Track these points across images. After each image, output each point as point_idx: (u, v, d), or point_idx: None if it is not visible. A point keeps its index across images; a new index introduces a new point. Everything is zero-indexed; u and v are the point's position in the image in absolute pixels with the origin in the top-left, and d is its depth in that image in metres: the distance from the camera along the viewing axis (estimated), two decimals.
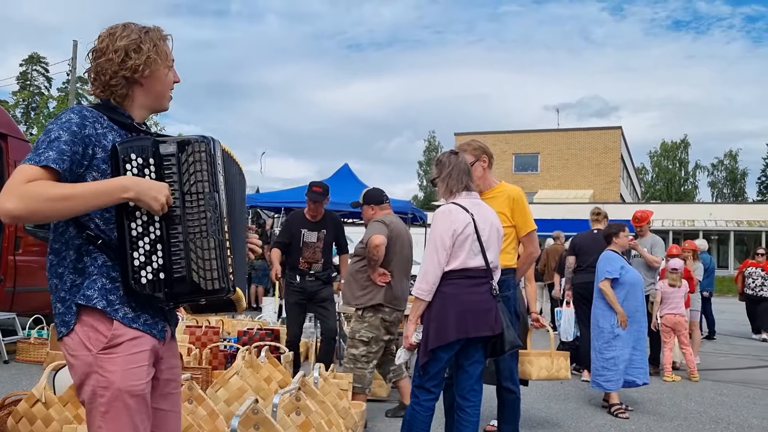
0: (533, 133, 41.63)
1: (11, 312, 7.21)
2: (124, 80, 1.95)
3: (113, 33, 1.96)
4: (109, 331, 1.84)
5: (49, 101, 44.10)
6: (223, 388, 4.04)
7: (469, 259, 3.48)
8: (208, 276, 1.87)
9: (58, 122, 1.85)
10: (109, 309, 1.84)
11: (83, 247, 1.87)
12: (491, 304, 3.48)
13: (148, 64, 1.96)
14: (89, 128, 1.86)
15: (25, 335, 7.07)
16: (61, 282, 1.88)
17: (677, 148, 61.24)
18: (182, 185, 1.89)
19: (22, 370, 6.26)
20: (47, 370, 3.43)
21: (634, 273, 5.92)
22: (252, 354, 4.42)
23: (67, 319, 1.87)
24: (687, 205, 37.29)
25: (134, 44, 1.95)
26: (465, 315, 3.43)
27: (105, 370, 1.82)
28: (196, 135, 1.95)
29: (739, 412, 5.87)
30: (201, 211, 1.89)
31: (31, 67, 51.28)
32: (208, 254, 1.87)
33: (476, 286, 3.49)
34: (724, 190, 61.05)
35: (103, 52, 1.94)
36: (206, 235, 1.88)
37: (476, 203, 3.61)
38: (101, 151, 1.87)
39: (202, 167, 1.90)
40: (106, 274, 1.86)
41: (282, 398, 3.33)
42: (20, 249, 7.49)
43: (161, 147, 1.90)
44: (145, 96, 2.02)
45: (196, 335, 6.21)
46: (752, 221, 32.28)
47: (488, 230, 3.55)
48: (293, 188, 13.22)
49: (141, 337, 1.88)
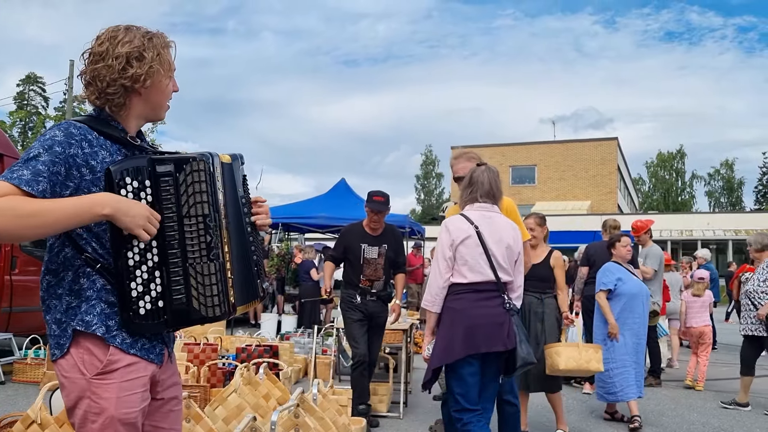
0: (530, 145, 41.70)
1: (7, 332, 7.16)
2: (122, 89, 1.83)
3: (114, 36, 1.83)
4: (105, 356, 1.77)
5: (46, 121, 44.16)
6: (222, 406, 4.00)
7: (476, 273, 3.40)
8: (209, 303, 1.81)
9: (41, 139, 1.75)
10: (107, 336, 1.77)
11: (81, 268, 1.79)
12: (504, 318, 3.36)
13: (150, 74, 1.85)
14: (74, 148, 1.75)
15: (21, 356, 7.01)
16: (59, 303, 1.80)
17: (673, 159, 61.39)
18: (180, 207, 1.80)
19: (19, 391, 6.20)
20: (43, 391, 3.39)
21: (633, 284, 5.79)
22: (250, 371, 4.38)
23: (62, 342, 1.79)
24: (685, 215, 37.24)
25: (137, 52, 1.83)
26: (474, 330, 3.33)
27: (98, 396, 1.75)
28: (195, 152, 1.85)
29: (742, 423, 5.83)
30: (201, 234, 1.81)
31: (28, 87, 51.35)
32: (209, 280, 1.81)
33: (486, 300, 3.39)
34: (722, 199, 61.10)
35: (102, 57, 1.82)
36: (207, 260, 1.81)
37: (487, 216, 3.52)
38: (89, 172, 1.77)
39: (201, 188, 1.81)
40: (105, 299, 1.79)
41: (280, 415, 3.30)
42: (16, 269, 7.45)
43: (158, 166, 1.79)
44: (143, 106, 1.91)
45: (195, 353, 6.18)
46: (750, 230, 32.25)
47: (498, 245, 3.45)
48: (291, 204, 13.22)
49: (137, 363, 1.81)
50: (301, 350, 8.22)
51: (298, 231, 15.05)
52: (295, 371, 7.08)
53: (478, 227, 3.45)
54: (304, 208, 12.33)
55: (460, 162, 4.15)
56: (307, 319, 11.37)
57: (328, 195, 12.48)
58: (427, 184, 62.59)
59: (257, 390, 4.27)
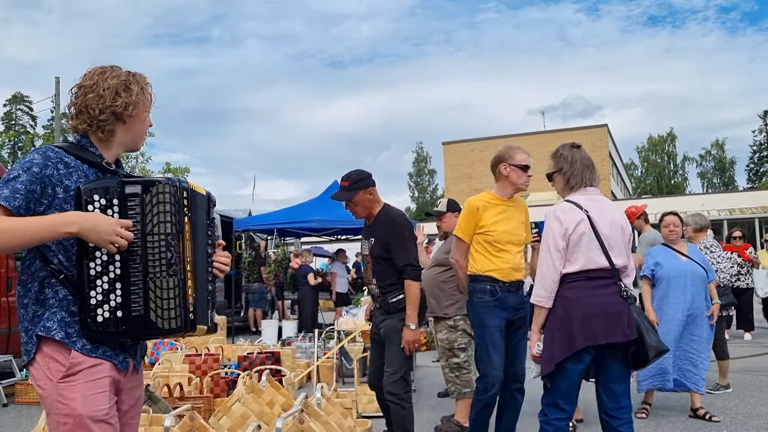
0: (520, 137, 41.70)
1: (7, 354, 7.13)
2: (113, 116, 2.05)
3: (103, 72, 2.06)
4: (67, 360, 1.90)
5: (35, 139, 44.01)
6: (226, 416, 3.99)
7: (588, 259, 3.21)
8: (166, 315, 1.92)
9: (21, 162, 1.93)
10: (67, 341, 1.90)
11: (46, 279, 1.94)
12: (622, 306, 3.16)
13: (136, 105, 2.08)
14: (51, 169, 1.93)
15: (23, 377, 6.97)
16: (26, 312, 1.95)
17: (664, 142, 61.58)
18: (144, 225, 1.94)
19: (22, 413, 6.17)
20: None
21: (672, 268, 5.34)
22: (253, 379, 4.37)
23: (29, 348, 1.94)
24: (678, 198, 37.40)
25: (123, 84, 2.06)
26: (591, 319, 3.12)
27: (65, 398, 1.87)
28: (163, 177, 2.00)
29: (746, 401, 5.85)
30: (162, 251, 1.93)
31: (15, 107, 51.25)
32: (167, 294, 1.92)
33: (602, 287, 3.19)
34: (714, 180, 61.36)
35: (92, 89, 2.03)
36: (166, 275, 1.92)
37: (594, 199, 3.33)
38: (62, 191, 1.94)
39: (165, 209, 1.95)
40: (66, 308, 1.93)
41: (285, 422, 3.28)
42: (12, 289, 7.42)
43: (126, 188, 1.95)
44: (124, 134, 2.11)
45: (196, 364, 6.16)
46: (744, 209, 32.39)
47: (609, 226, 3.26)
48: (284, 209, 13.19)
49: (100, 364, 1.93)
50: (303, 355, 8.21)
51: (294, 236, 15.02)
52: (298, 377, 7.07)
53: (588, 211, 3.26)
54: (298, 212, 12.30)
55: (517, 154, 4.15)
56: (307, 324, 11.36)
57: (322, 198, 12.42)
58: (420, 182, 62.65)
59: (261, 398, 4.26)
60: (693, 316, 5.32)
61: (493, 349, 3.93)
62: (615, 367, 3.23)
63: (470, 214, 4.09)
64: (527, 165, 4.13)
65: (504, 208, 4.11)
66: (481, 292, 3.99)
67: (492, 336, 3.93)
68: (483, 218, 4.05)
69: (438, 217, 5.50)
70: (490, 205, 4.10)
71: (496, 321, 3.95)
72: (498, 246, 4.00)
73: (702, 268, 5.39)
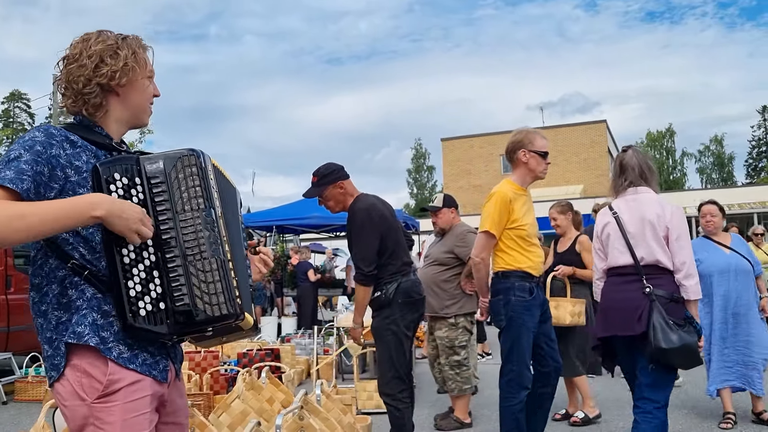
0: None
1: (7, 352, 7.14)
2: (98, 88, 1.76)
3: (87, 39, 1.78)
4: (104, 376, 1.62)
5: None
6: (226, 413, 3.99)
7: (613, 257, 3.47)
8: (214, 301, 1.67)
9: (20, 141, 1.65)
10: (102, 347, 1.62)
11: (67, 279, 1.66)
12: (639, 302, 3.28)
13: (126, 72, 1.78)
14: (56, 148, 1.65)
15: (22, 374, 6.98)
16: (46, 321, 1.67)
17: (663, 137, 61.55)
18: (174, 204, 1.70)
19: (22, 410, 6.17)
20: (45, 409, 3.37)
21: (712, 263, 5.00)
22: (253, 376, 4.37)
23: (56, 362, 1.65)
24: (677, 193, 37.32)
25: (110, 50, 1.77)
26: (608, 312, 3.43)
27: (102, 421, 1.62)
28: (184, 149, 1.76)
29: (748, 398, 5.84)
30: (198, 230, 1.70)
31: (13, 105, 51.17)
32: (211, 276, 1.68)
33: (626, 283, 3.38)
34: (713, 175, 61.33)
35: (75, 59, 1.76)
36: (206, 255, 1.69)
37: (634, 199, 3.47)
38: (74, 173, 1.67)
39: (194, 182, 1.72)
40: (98, 308, 1.65)
41: (285, 418, 3.28)
42: (12, 287, 7.42)
43: (147, 165, 1.72)
44: (122, 108, 1.83)
45: (196, 361, 6.16)
46: (743, 204, 32.39)
47: (637, 225, 3.38)
48: (284, 205, 13.18)
49: (140, 380, 1.67)
50: (303, 352, 8.21)
51: (293, 232, 15.02)
52: (297, 373, 7.07)
53: (617, 212, 3.48)
54: (297, 209, 12.29)
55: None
56: (307, 320, 11.36)
57: None
58: (419, 178, 62.59)
59: (260, 394, 4.26)
60: (739, 314, 4.94)
61: (527, 350, 3.79)
62: (639, 359, 3.35)
63: (504, 207, 3.78)
64: (546, 152, 3.91)
65: (525, 199, 3.90)
66: (520, 290, 3.77)
67: (528, 337, 3.79)
68: (514, 211, 3.81)
69: (434, 213, 5.45)
70: (517, 196, 3.85)
71: (533, 321, 3.81)
72: (529, 240, 3.83)
73: (747, 261, 5.02)
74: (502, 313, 3.80)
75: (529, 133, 3.90)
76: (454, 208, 5.49)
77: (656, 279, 3.31)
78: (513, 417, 3.78)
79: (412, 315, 3.93)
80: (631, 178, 3.50)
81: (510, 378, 3.80)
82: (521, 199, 3.85)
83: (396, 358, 3.86)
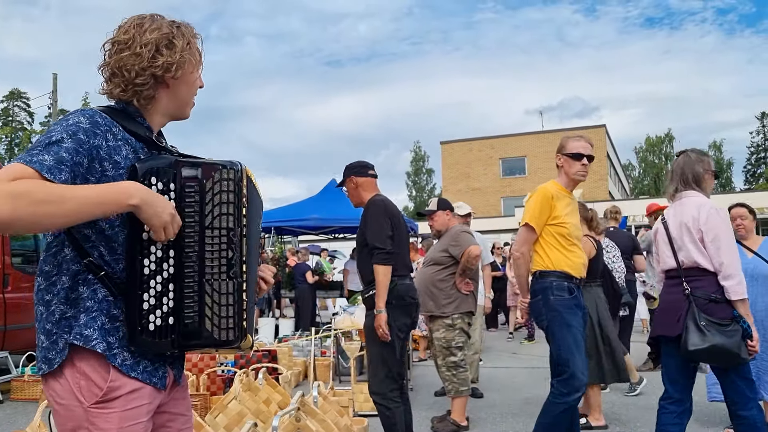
0: (519, 136, 41.75)
1: (3, 350, 7.12)
2: (152, 79, 1.68)
3: (140, 24, 1.69)
4: (104, 382, 1.58)
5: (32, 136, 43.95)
6: (222, 414, 3.98)
7: (662, 261, 3.63)
8: (223, 324, 1.63)
9: (63, 123, 1.56)
10: (108, 353, 1.58)
11: (80, 275, 1.58)
12: (680, 304, 3.43)
13: (181, 64, 1.71)
14: (99, 138, 1.58)
15: (18, 373, 6.96)
16: (48, 311, 1.59)
17: (662, 143, 61.63)
18: (203, 217, 1.63)
19: (18, 409, 6.16)
20: (41, 408, 3.36)
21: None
22: (250, 377, 4.36)
23: (51, 356, 1.58)
24: None
25: (165, 39, 1.68)
26: (658, 313, 3.66)
27: (98, 427, 1.57)
28: (225, 160, 1.68)
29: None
30: (222, 249, 1.63)
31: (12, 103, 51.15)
32: (225, 299, 1.63)
33: (672, 286, 3.54)
34: None
35: (128, 45, 1.66)
36: (225, 277, 1.63)
37: (681, 203, 3.56)
38: (112, 167, 1.59)
39: (228, 198, 1.64)
40: (107, 311, 1.59)
41: (281, 420, 3.28)
42: (9, 286, 7.40)
43: (183, 170, 1.64)
44: (168, 100, 1.75)
45: (193, 361, 6.15)
46: None
47: (678, 229, 3.50)
48: (282, 207, 13.17)
49: (140, 389, 1.62)
50: (300, 353, 8.20)
51: (291, 234, 15.01)
52: (294, 374, 7.06)
53: (666, 218, 3.61)
54: (295, 210, 12.29)
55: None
56: (305, 322, 11.36)
57: (319, 196, 12.43)
58: (418, 181, 62.63)
59: (257, 395, 4.25)
60: (755, 319, 4.58)
61: (577, 350, 3.69)
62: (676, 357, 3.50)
63: (545, 202, 3.77)
64: (580, 153, 3.86)
65: (569, 201, 3.88)
66: (559, 289, 3.72)
67: (576, 337, 3.69)
68: (556, 208, 3.77)
69: (429, 216, 5.51)
70: (560, 195, 3.83)
71: (578, 320, 3.74)
72: (570, 240, 3.79)
73: None
74: (543, 313, 3.76)
75: (565, 137, 4.02)
76: (449, 210, 5.56)
77: (697, 281, 3.41)
78: (551, 415, 3.69)
79: (405, 318, 3.93)
80: (677, 185, 3.60)
81: (562, 379, 3.70)
82: (565, 199, 3.85)
83: (388, 358, 3.87)
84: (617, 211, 7.48)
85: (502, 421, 5.39)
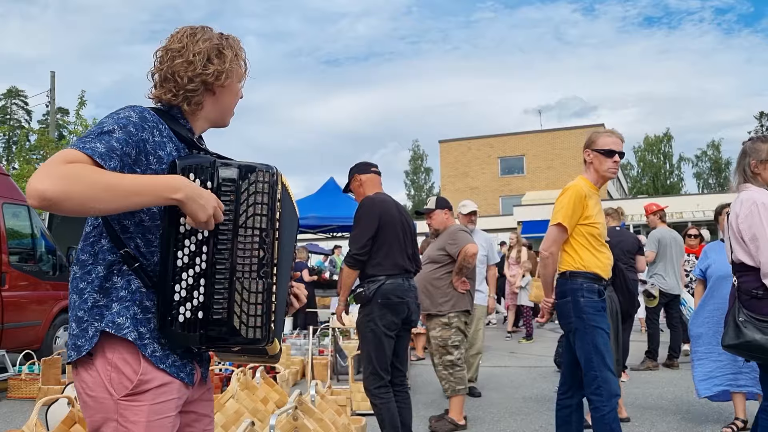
0: (517, 135, 41.77)
1: (0, 349, 7.10)
2: (202, 86, 1.78)
3: (193, 34, 1.78)
4: (135, 374, 1.61)
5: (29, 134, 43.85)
6: (220, 413, 3.97)
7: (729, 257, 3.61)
8: (251, 322, 1.66)
9: (114, 116, 1.64)
10: (139, 342, 1.61)
11: (116, 265, 1.64)
12: (732, 299, 3.52)
13: (229, 73, 1.81)
14: (147, 133, 1.66)
15: (15, 372, 6.95)
16: (81, 299, 1.63)
17: (660, 142, 61.68)
18: (237, 216, 1.68)
19: (15, 408, 6.14)
20: (38, 406, 3.35)
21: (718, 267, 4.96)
22: (247, 375, 4.35)
23: (80, 343, 1.62)
24: (674, 198, 37.43)
25: (216, 49, 1.79)
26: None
27: (127, 420, 1.60)
28: (261, 163, 1.74)
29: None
30: (255, 248, 1.68)
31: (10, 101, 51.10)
32: (254, 298, 1.67)
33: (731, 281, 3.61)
34: (710, 180, 61.47)
35: (181, 53, 1.75)
36: (255, 276, 1.67)
37: (735, 198, 3.56)
38: (156, 162, 1.66)
39: (262, 199, 1.70)
40: (139, 302, 1.64)
41: (279, 419, 3.27)
42: (6, 284, 7.39)
43: (221, 170, 1.69)
44: (213, 107, 1.85)
45: None
46: None
47: (729, 225, 3.55)
48: None
49: (169, 383, 1.65)
50: (298, 352, 8.20)
51: None
52: (292, 373, 7.05)
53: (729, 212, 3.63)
54: None
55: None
56: (302, 321, 11.36)
57: (318, 195, 12.42)
58: (416, 180, 62.64)
59: (255, 394, 4.24)
60: None
61: (607, 354, 3.56)
62: None
63: (579, 201, 3.62)
64: (611, 150, 3.70)
65: (598, 198, 3.75)
66: (590, 291, 3.58)
67: (605, 340, 3.57)
68: (588, 207, 3.63)
69: (428, 214, 5.51)
70: (591, 193, 3.69)
71: (606, 324, 3.61)
72: (600, 240, 3.67)
73: None
74: (571, 315, 3.62)
75: (595, 132, 3.85)
76: (447, 209, 5.55)
77: (743, 276, 3.44)
78: (608, 428, 3.51)
79: (392, 317, 4.00)
80: (735, 181, 3.63)
81: (596, 386, 3.54)
82: (594, 197, 3.72)
83: (374, 355, 4.00)
84: (621, 212, 7.46)
85: (500, 420, 5.39)
